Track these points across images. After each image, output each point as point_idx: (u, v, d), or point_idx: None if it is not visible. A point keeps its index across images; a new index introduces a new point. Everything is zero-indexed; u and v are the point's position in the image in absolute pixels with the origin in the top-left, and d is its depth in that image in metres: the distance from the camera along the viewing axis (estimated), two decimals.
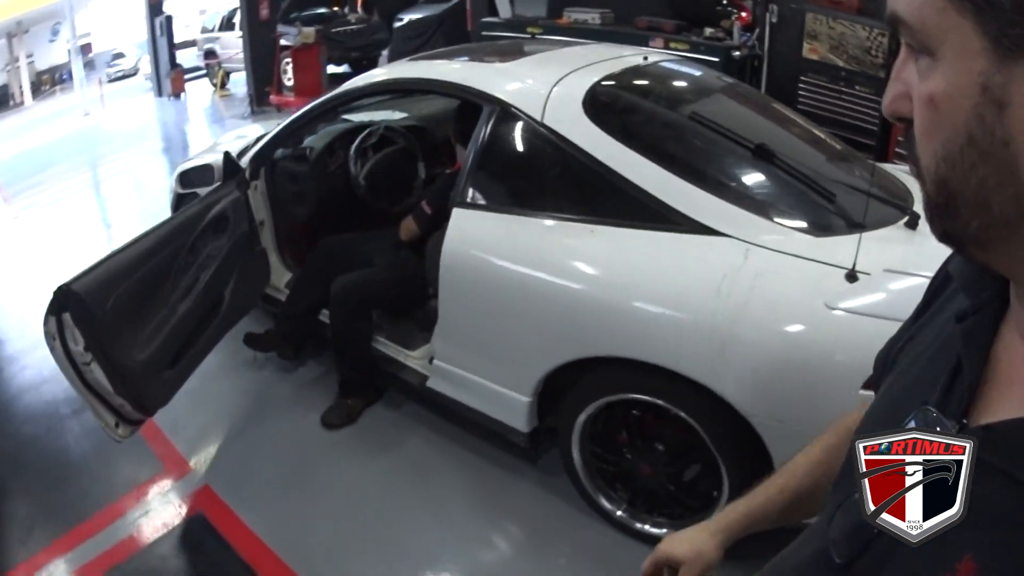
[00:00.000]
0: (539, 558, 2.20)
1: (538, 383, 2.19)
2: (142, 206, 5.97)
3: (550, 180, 2.25)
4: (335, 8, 11.53)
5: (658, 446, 2.10)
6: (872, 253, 1.75)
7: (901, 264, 1.74)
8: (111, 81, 14.39)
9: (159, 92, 10.26)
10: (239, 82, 10.94)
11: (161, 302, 2.39)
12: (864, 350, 0.56)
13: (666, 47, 5.45)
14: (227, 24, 11.19)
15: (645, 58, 2.60)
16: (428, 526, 2.33)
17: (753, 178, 2.15)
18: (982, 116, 0.43)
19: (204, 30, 11.77)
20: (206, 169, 3.11)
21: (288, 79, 8.96)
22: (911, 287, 1.66)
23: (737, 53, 5.10)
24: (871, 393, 0.69)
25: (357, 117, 3.48)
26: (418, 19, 10.65)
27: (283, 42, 8.97)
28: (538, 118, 2.19)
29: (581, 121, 2.13)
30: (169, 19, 10.15)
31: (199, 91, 11.00)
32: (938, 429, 0.50)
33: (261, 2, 8.78)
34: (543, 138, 2.18)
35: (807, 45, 4.70)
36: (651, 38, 5.59)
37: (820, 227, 1.95)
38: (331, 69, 9.83)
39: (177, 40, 10.48)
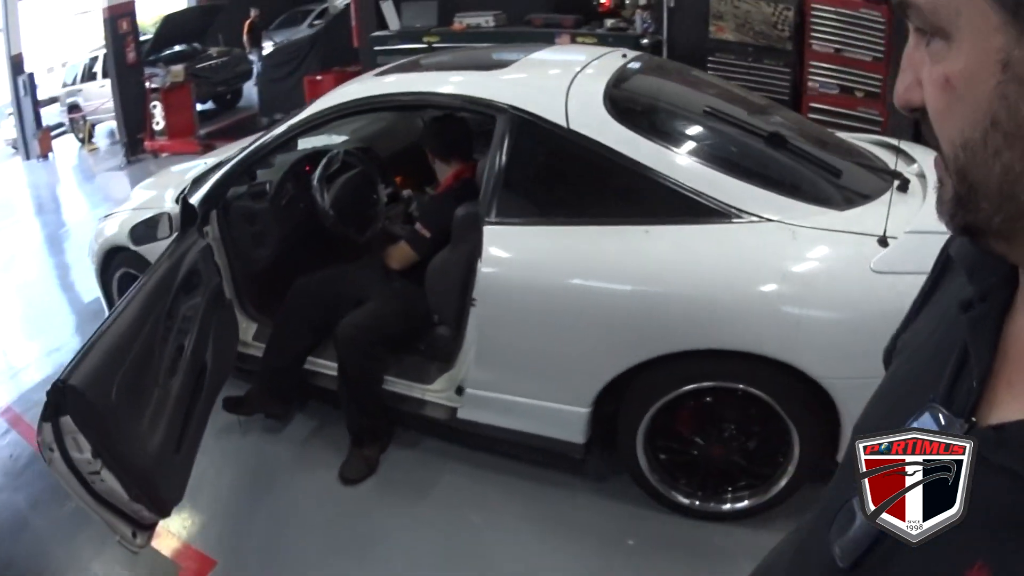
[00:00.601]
0: (608, 558, 2.17)
1: (598, 393, 2.14)
2: (23, 279, 5.42)
3: (589, 186, 2.22)
4: (195, 44, 10.96)
5: (730, 426, 2.12)
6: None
7: (914, 224, 1.89)
8: None
9: (27, 155, 9.28)
10: (104, 134, 10.13)
11: (152, 380, 2.12)
12: (908, 304, 0.64)
13: (573, 42, 5.51)
14: (88, 74, 10.32)
15: (624, 55, 2.59)
16: (492, 557, 2.22)
17: (776, 163, 2.22)
18: (1005, 96, 0.39)
19: (65, 84, 10.80)
20: (160, 220, 2.78)
21: (157, 123, 8.39)
22: (936, 243, 1.80)
23: (645, 41, 5.22)
24: None
25: (300, 145, 3.25)
26: (288, 43, 10.28)
27: (151, 84, 8.40)
28: (563, 124, 2.15)
29: (610, 124, 2.13)
30: (31, 76, 9.21)
31: (65, 149, 10.08)
32: (943, 428, 0.48)
33: (127, 46, 8.12)
34: (573, 144, 2.15)
35: (713, 26, 4.89)
36: (556, 34, 5.63)
37: (838, 201, 2.09)
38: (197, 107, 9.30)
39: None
